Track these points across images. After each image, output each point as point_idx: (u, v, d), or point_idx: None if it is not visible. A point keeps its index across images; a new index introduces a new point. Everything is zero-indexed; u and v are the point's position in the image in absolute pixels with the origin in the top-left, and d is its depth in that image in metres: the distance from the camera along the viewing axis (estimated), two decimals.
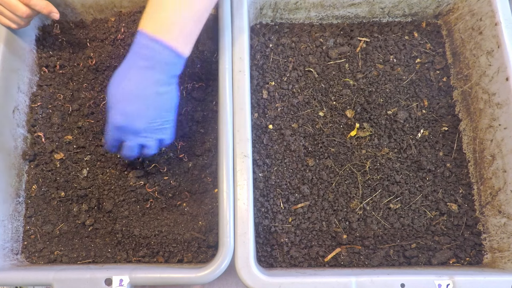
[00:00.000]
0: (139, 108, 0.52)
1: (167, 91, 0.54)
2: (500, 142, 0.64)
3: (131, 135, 0.54)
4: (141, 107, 0.52)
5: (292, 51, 0.75)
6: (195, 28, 0.52)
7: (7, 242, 0.62)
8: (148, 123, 0.53)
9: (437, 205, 0.67)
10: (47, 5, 0.60)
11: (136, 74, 0.51)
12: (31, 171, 0.68)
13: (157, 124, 0.55)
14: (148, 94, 0.52)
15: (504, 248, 0.62)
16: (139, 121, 0.53)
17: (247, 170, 0.58)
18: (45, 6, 0.59)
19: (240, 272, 0.53)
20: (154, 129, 0.55)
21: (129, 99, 0.51)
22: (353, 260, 0.63)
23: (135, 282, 0.53)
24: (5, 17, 0.60)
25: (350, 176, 0.68)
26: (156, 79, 0.51)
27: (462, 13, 0.72)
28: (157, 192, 0.66)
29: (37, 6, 0.59)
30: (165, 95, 0.54)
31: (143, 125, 0.53)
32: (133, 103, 0.52)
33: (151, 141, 0.56)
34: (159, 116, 0.54)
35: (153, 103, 0.52)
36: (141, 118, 0.53)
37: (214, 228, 0.64)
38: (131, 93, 0.51)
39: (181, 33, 0.50)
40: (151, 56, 0.50)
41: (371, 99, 0.72)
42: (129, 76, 0.51)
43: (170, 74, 0.53)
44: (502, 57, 0.63)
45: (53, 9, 0.61)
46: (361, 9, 0.75)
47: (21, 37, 0.68)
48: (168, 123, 0.57)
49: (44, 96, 0.71)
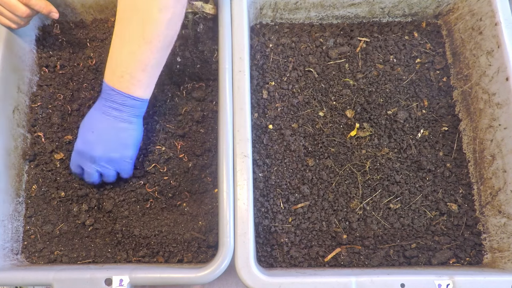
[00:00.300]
0: (97, 138, 0.59)
1: (126, 128, 0.60)
2: (500, 142, 0.64)
3: (89, 162, 0.60)
4: (99, 138, 0.59)
5: (292, 51, 0.75)
6: (144, 76, 0.56)
7: (7, 242, 0.62)
8: (104, 153, 0.60)
9: (437, 205, 0.67)
10: (47, 5, 0.60)
11: (99, 112, 0.59)
12: (31, 171, 0.68)
13: (113, 156, 0.60)
14: (107, 127, 0.59)
15: (504, 248, 0.62)
16: (96, 149, 0.59)
17: (247, 170, 0.58)
18: (44, 6, 0.60)
19: (240, 272, 0.53)
20: (111, 160, 0.61)
21: (90, 129, 0.60)
22: (353, 260, 0.63)
23: (135, 282, 0.53)
24: (5, 17, 0.60)
25: (350, 176, 0.68)
26: (116, 116, 0.58)
27: (462, 13, 0.72)
28: (157, 192, 0.66)
29: (37, 6, 0.59)
30: (125, 132, 0.60)
31: (99, 153, 0.59)
32: (93, 133, 0.59)
33: (108, 171, 0.62)
34: (116, 150, 0.60)
35: (111, 136, 0.59)
36: (98, 147, 0.59)
37: (214, 228, 0.64)
38: (93, 125, 0.60)
39: (131, 81, 0.56)
40: (110, 99, 0.57)
41: (371, 99, 0.72)
42: (94, 113, 0.60)
43: (131, 114, 0.59)
44: (502, 57, 0.63)
45: (53, 9, 0.62)
46: (361, 9, 0.75)
47: (21, 37, 0.68)
48: (126, 158, 0.62)
49: (44, 96, 0.71)
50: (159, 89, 0.71)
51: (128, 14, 0.53)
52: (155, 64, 0.56)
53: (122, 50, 0.54)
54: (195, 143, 0.69)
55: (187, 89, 0.72)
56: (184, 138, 0.70)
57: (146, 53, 0.54)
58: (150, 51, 0.54)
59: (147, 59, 0.54)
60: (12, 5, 0.58)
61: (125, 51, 0.54)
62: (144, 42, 0.53)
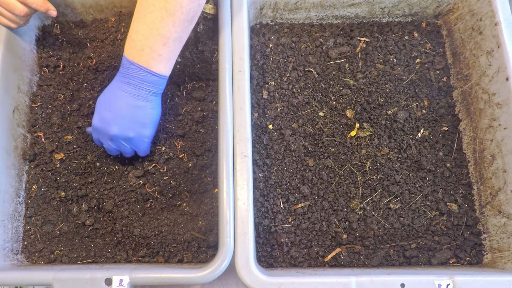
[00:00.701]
0: (114, 116, 0.58)
1: (144, 107, 0.59)
2: (500, 142, 0.64)
3: (106, 139, 0.61)
4: (116, 116, 0.58)
5: (292, 51, 0.75)
6: (165, 51, 0.55)
7: (7, 242, 0.62)
8: (120, 131, 0.59)
9: (437, 205, 0.67)
10: (44, 3, 0.60)
11: (117, 89, 0.58)
12: (31, 171, 0.68)
13: (131, 135, 0.60)
14: (124, 106, 0.58)
15: (504, 248, 0.62)
16: (112, 127, 0.59)
17: (247, 170, 0.58)
18: (41, 4, 0.60)
19: (240, 272, 0.53)
20: (128, 138, 0.60)
21: (108, 108, 0.59)
22: (353, 260, 0.63)
23: (135, 282, 0.53)
24: (4, 16, 0.61)
25: (350, 176, 0.68)
26: (133, 94, 0.57)
27: (462, 13, 0.72)
28: (157, 192, 0.66)
29: (34, 4, 0.59)
30: (142, 110, 0.59)
31: (115, 131, 0.59)
32: (110, 111, 0.58)
33: (125, 148, 0.62)
34: (133, 128, 0.60)
35: (128, 115, 0.58)
36: (114, 125, 0.59)
37: (214, 228, 0.64)
38: (110, 102, 0.59)
39: (151, 55, 0.55)
40: (129, 74, 0.56)
41: (371, 99, 0.72)
42: (112, 89, 0.59)
43: (149, 92, 0.58)
44: (502, 57, 0.63)
45: (50, 7, 0.61)
46: (361, 9, 0.75)
47: (21, 37, 0.68)
48: (143, 137, 0.62)
49: (44, 96, 0.71)
50: None
51: None
52: (177, 38, 0.55)
53: (143, 22, 0.53)
54: (195, 143, 0.69)
55: (187, 89, 0.72)
56: (184, 138, 0.70)
57: (168, 26, 0.53)
58: (173, 24, 0.53)
59: (169, 33, 0.53)
60: (10, 4, 0.58)
61: (147, 23, 0.53)
62: (167, 14, 0.52)
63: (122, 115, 0.58)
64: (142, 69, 0.55)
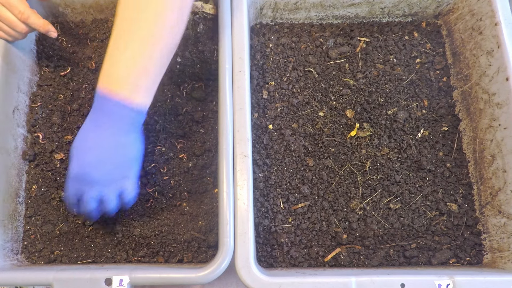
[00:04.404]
0: (95, 158, 0.52)
1: (125, 143, 0.53)
2: (500, 142, 0.64)
3: (88, 186, 0.53)
4: (97, 157, 0.52)
5: (292, 51, 0.75)
6: (145, 82, 0.51)
7: (7, 242, 0.62)
8: (104, 174, 0.53)
9: (437, 205, 0.67)
10: (45, 24, 0.61)
11: (94, 128, 0.52)
12: (31, 171, 0.68)
13: (115, 176, 0.54)
14: (105, 145, 0.52)
15: (504, 248, 0.62)
16: (95, 170, 0.52)
17: (247, 170, 0.58)
18: (42, 25, 0.60)
19: (240, 272, 0.53)
20: (112, 181, 0.54)
21: (87, 150, 0.52)
22: (353, 260, 0.63)
23: (135, 282, 0.53)
24: (4, 31, 0.61)
25: (350, 176, 0.68)
26: (112, 131, 0.52)
27: (462, 13, 0.72)
28: (157, 192, 0.66)
29: (34, 25, 0.60)
30: (124, 148, 0.53)
31: (99, 175, 0.53)
32: (90, 153, 0.52)
33: (109, 194, 0.55)
34: (117, 168, 0.54)
35: (109, 154, 0.53)
36: (97, 168, 0.52)
37: (214, 228, 0.64)
38: (88, 144, 0.52)
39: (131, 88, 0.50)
40: (106, 110, 0.51)
41: (371, 99, 0.72)
42: (88, 129, 0.53)
43: (129, 127, 0.53)
44: (502, 57, 0.63)
45: (51, 28, 0.62)
46: (361, 9, 0.75)
47: None
48: (128, 176, 0.55)
49: (44, 96, 0.71)
50: (159, 89, 0.71)
51: (132, 14, 0.49)
52: (157, 70, 0.52)
53: (123, 52, 0.49)
54: (195, 143, 0.69)
55: (187, 89, 0.72)
56: (184, 138, 0.70)
57: (149, 56, 0.50)
58: (154, 54, 0.50)
59: (150, 63, 0.50)
60: (12, 22, 0.59)
61: (125, 56, 0.49)
62: (149, 44, 0.49)
63: (104, 155, 0.52)
64: (121, 104, 0.50)
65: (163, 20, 0.49)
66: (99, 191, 0.54)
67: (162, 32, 0.50)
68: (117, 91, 0.50)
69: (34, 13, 0.59)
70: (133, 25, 0.49)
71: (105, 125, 0.52)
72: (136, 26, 0.49)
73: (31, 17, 0.59)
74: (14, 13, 0.58)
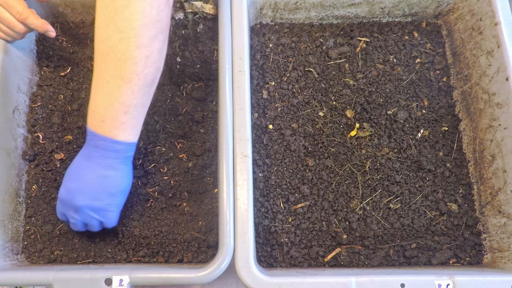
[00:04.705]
0: (81, 186, 0.56)
1: (111, 176, 0.56)
2: (500, 142, 0.64)
3: (72, 211, 0.58)
4: (82, 186, 0.56)
5: (292, 51, 0.75)
6: (128, 118, 0.52)
7: (7, 242, 0.62)
8: (86, 202, 0.56)
9: (437, 205, 0.67)
10: (43, 24, 0.61)
11: (83, 159, 0.57)
12: (31, 171, 0.68)
13: (97, 205, 0.57)
14: (91, 175, 0.56)
15: (504, 248, 0.62)
16: (79, 198, 0.56)
17: (247, 170, 0.58)
18: (40, 25, 0.60)
19: (240, 272, 0.53)
20: (95, 209, 0.57)
21: (74, 178, 0.57)
22: (353, 260, 0.63)
23: (135, 282, 0.53)
24: (2, 32, 0.61)
25: (350, 176, 0.68)
26: (100, 163, 0.55)
27: (462, 13, 0.72)
28: (157, 192, 0.66)
29: (33, 25, 0.60)
30: (109, 180, 0.56)
31: (82, 202, 0.56)
32: (76, 182, 0.57)
33: (91, 221, 0.58)
34: (100, 198, 0.57)
35: (94, 185, 0.56)
36: (81, 196, 0.56)
37: (214, 228, 0.64)
38: (76, 173, 0.57)
39: (114, 125, 0.52)
40: (94, 144, 0.54)
41: (371, 99, 0.72)
42: (79, 160, 0.57)
43: (116, 160, 0.56)
44: (502, 57, 0.63)
45: (50, 28, 0.62)
46: (361, 9, 0.75)
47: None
48: (111, 207, 0.58)
49: (44, 96, 0.71)
50: (159, 89, 0.71)
51: (104, 54, 0.49)
52: (138, 104, 0.52)
53: (101, 92, 0.51)
54: (195, 143, 0.69)
55: (187, 89, 0.72)
56: (184, 138, 0.70)
57: (126, 94, 0.50)
58: (131, 91, 0.50)
59: (129, 100, 0.51)
60: (10, 22, 0.59)
61: (104, 93, 0.51)
62: (124, 82, 0.49)
63: (89, 185, 0.56)
64: (106, 140, 0.53)
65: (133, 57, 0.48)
66: (81, 216, 0.58)
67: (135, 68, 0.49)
68: (100, 129, 0.53)
69: (33, 13, 0.59)
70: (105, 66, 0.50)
71: (91, 157, 0.55)
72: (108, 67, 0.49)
73: (29, 17, 0.59)
74: (13, 13, 0.58)
